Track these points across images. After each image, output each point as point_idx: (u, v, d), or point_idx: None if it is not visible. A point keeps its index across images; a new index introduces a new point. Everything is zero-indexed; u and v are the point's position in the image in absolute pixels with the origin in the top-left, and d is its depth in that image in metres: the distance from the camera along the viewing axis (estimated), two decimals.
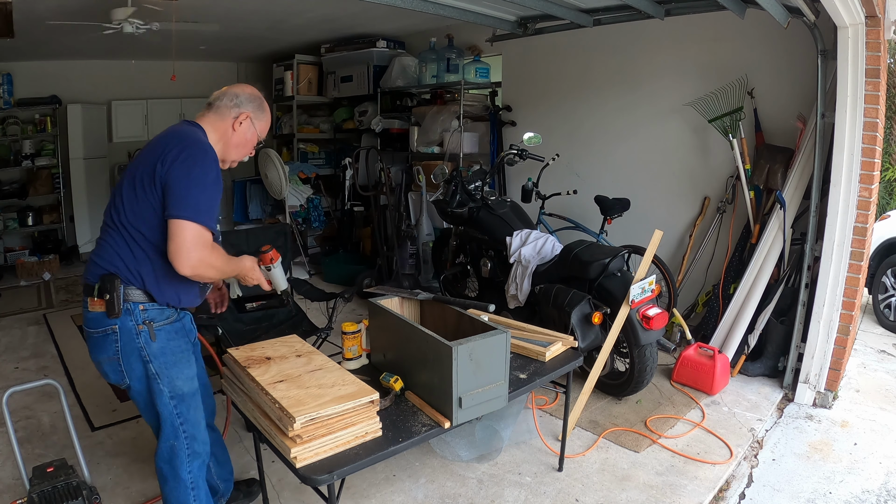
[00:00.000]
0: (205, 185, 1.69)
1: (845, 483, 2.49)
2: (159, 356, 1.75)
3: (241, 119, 1.86)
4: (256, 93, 1.92)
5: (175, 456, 1.81)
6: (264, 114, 1.93)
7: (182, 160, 1.68)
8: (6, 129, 5.86)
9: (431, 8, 3.62)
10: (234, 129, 1.85)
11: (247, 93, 1.90)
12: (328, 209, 6.00)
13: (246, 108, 1.87)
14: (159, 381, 1.75)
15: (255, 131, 1.91)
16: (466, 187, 3.69)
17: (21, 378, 3.40)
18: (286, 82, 6.19)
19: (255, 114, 1.89)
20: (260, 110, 1.91)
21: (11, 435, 2.04)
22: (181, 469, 1.82)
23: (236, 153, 1.90)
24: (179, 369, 1.79)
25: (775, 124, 3.59)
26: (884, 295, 4.53)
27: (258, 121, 1.91)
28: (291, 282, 3.36)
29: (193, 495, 1.84)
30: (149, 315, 1.73)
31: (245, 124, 1.87)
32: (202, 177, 1.69)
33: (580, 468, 2.56)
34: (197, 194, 1.66)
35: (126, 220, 1.70)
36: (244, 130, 1.87)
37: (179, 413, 1.80)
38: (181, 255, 1.62)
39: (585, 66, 4.45)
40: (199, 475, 1.86)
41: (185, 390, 1.81)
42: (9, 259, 6.04)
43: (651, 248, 2.89)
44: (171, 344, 1.78)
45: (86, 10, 3.68)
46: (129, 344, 1.72)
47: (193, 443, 1.84)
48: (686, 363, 3.30)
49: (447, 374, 1.79)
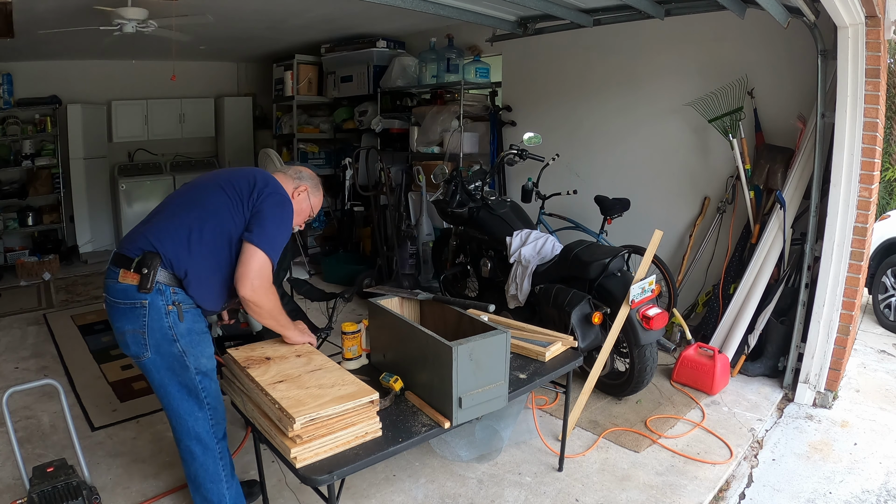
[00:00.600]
0: (285, 226, 1.95)
1: (845, 483, 2.49)
2: (186, 335, 1.86)
3: (301, 190, 2.09)
4: (315, 175, 2.20)
5: (201, 428, 1.92)
6: (319, 192, 2.18)
7: (276, 199, 1.93)
8: (6, 129, 5.85)
9: (431, 8, 3.62)
10: (294, 198, 2.05)
11: (307, 172, 2.18)
12: (328, 209, 5.99)
13: (306, 182, 2.12)
14: (186, 357, 1.86)
15: (310, 205, 2.13)
16: (466, 187, 3.69)
17: (21, 378, 3.40)
18: (286, 82, 6.19)
19: (313, 190, 2.14)
20: (316, 189, 2.16)
21: (11, 435, 2.04)
22: (208, 439, 1.93)
23: (295, 221, 2.07)
24: (202, 348, 1.92)
25: (775, 124, 3.59)
26: (884, 295, 4.53)
27: (314, 196, 2.15)
28: (292, 282, 3.37)
29: (222, 465, 1.96)
30: (178, 297, 1.85)
31: (302, 196, 2.09)
32: (285, 219, 1.95)
33: (580, 468, 2.56)
34: (276, 233, 1.89)
35: (202, 221, 1.86)
36: (301, 201, 2.09)
37: (204, 387, 1.91)
38: (247, 277, 1.82)
39: (585, 66, 4.45)
40: (224, 446, 1.99)
41: (209, 367, 1.94)
42: (9, 259, 6.03)
43: (651, 248, 2.89)
44: (196, 325, 1.90)
45: (86, 10, 3.68)
46: (158, 321, 1.82)
47: (216, 414, 1.95)
48: (686, 363, 3.30)
49: (447, 374, 1.79)
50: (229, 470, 2.00)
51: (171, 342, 1.83)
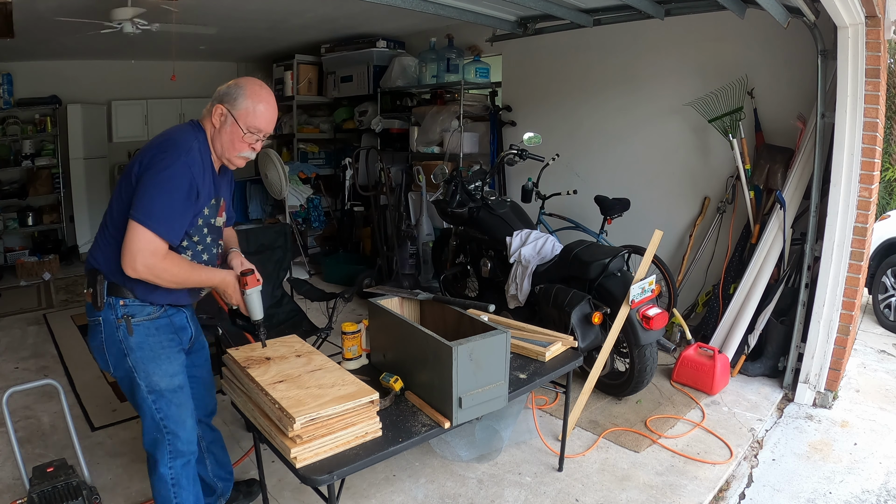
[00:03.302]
0: (168, 191, 1.62)
1: (845, 483, 2.49)
2: (136, 350, 1.75)
3: (216, 114, 1.73)
4: (244, 81, 1.75)
5: (157, 449, 1.81)
6: (245, 102, 1.72)
7: (155, 162, 1.63)
8: (6, 129, 5.86)
9: (431, 8, 3.62)
10: (216, 126, 1.75)
11: (231, 83, 1.75)
12: (328, 209, 6.00)
13: (223, 100, 1.73)
14: (135, 373, 1.76)
15: (238, 125, 1.72)
16: (466, 187, 3.69)
17: (21, 378, 3.39)
18: (286, 82, 6.20)
19: (232, 104, 1.71)
20: (239, 99, 1.72)
21: (11, 435, 2.04)
22: (161, 464, 1.82)
23: (230, 151, 1.78)
24: (157, 364, 1.77)
25: (775, 124, 3.59)
26: (884, 295, 4.53)
27: (237, 111, 1.71)
28: (292, 282, 3.36)
29: (174, 492, 1.83)
30: (129, 310, 1.74)
31: (225, 120, 1.73)
32: (166, 183, 1.62)
33: (580, 468, 2.55)
34: (160, 200, 1.61)
35: (111, 219, 1.71)
36: (223, 126, 1.74)
37: (159, 408, 1.79)
38: (126, 258, 1.60)
39: (585, 66, 4.45)
40: (183, 474, 1.84)
41: (163, 386, 1.78)
42: (9, 259, 6.04)
43: (651, 248, 2.89)
44: (149, 339, 1.77)
45: (86, 10, 3.68)
46: (111, 336, 1.75)
47: (176, 440, 1.81)
48: (686, 363, 3.30)
49: (447, 374, 1.79)
50: (188, 499, 1.84)
51: (123, 357, 1.75)
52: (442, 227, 4.55)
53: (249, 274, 1.85)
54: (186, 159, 1.66)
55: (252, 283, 1.84)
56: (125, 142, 6.60)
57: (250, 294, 1.85)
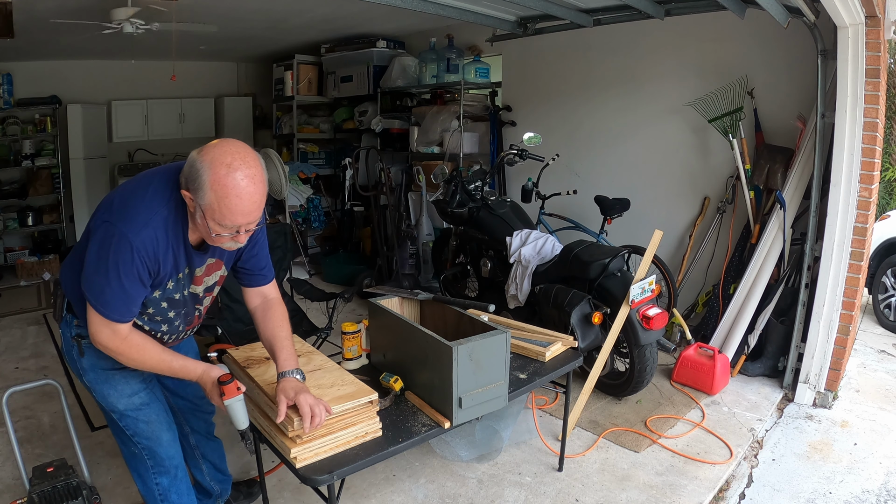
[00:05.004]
0: (116, 277, 1.39)
1: (845, 483, 2.49)
2: (89, 371, 1.66)
3: (186, 197, 1.41)
4: (208, 160, 1.35)
5: (138, 464, 1.77)
6: (208, 196, 1.35)
7: (106, 238, 1.39)
8: (6, 129, 5.86)
9: (431, 8, 3.62)
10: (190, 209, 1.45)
11: (194, 158, 1.37)
12: (328, 209, 6.00)
13: (186, 185, 1.39)
14: (94, 394, 1.70)
15: (206, 221, 1.40)
16: (466, 187, 3.69)
17: (21, 378, 3.40)
18: (286, 82, 6.19)
19: (196, 194, 1.37)
20: (200, 191, 1.36)
21: (11, 435, 2.04)
22: (147, 479, 1.78)
23: (211, 241, 1.48)
24: (111, 386, 1.67)
25: (775, 124, 3.59)
26: (884, 295, 4.53)
27: (203, 203, 1.37)
28: (292, 282, 3.36)
29: None
30: (81, 331, 1.60)
31: (192, 205, 1.41)
32: (112, 270, 1.39)
33: (580, 468, 2.55)
34: (108, 288, 1.40)
35: (78, 246, 1.60)
36: (195, 211, 1.41)
37: (126, 426, 1.71)
38: (90, 329, 1.48)
39: (585, 67, 4.45)
40: (171, 489, 1.79)
41: (121, 407, 1.68)
42: (9, 259, 6.04)
43: (651, 248, 2.89)
44: (101, 362, 1.64)
45: (86, 10, 3.68)
46: (69, 351, 1.69)
47: (153, 455, 1.75)
48: (686, 363, 3.30)
49: (447, 374, 1.79)
50: None
51: (79, 374, 1.69)
52: (442, 227, 4.55)
53: (228, 382, 1.56)
54: (136, 246, 1.39)
55: (231, 394, 1.56)
56: (125, 142, 6.60)
57: (230, 404, 1.58)
